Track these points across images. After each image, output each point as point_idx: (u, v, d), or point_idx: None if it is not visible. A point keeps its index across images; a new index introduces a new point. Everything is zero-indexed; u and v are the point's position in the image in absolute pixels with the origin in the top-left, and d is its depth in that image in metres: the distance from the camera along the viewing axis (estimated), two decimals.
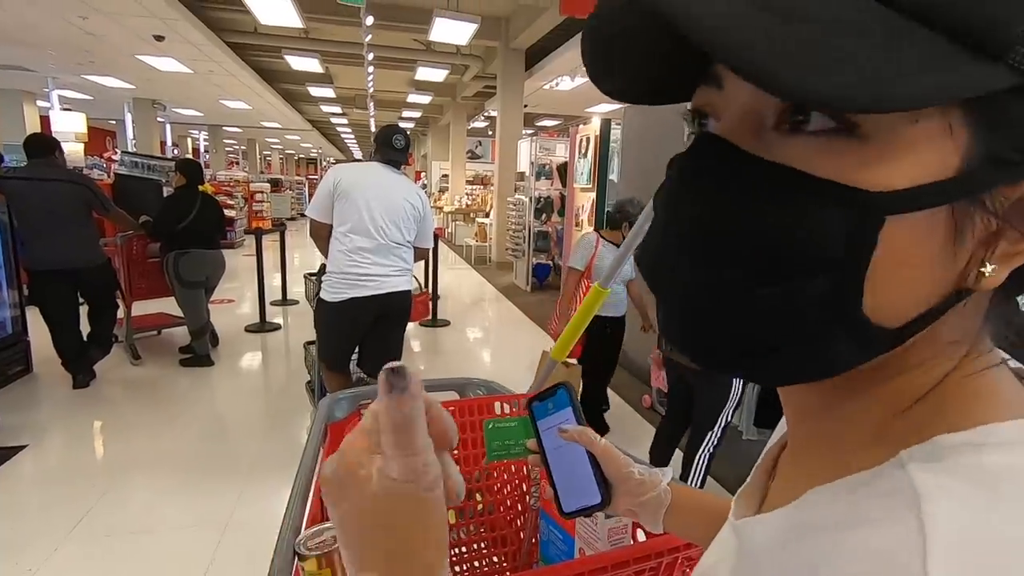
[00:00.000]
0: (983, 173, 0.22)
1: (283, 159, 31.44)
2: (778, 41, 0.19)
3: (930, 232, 0.22)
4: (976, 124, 0.21)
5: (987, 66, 0.20)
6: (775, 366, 0.26)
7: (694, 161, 0.27)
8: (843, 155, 0.22)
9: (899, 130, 0.22)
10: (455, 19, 6.32)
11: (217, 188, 10.62)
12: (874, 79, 0.19)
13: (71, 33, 7.10)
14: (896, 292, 0.23)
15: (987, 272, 0.23)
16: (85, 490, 2.46)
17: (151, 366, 4.16)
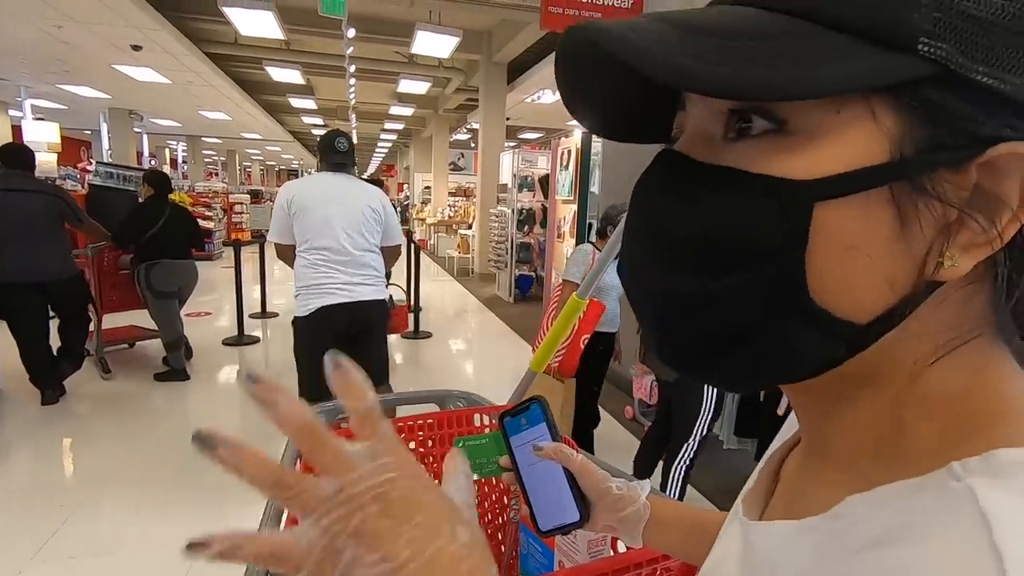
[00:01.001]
0: (920, 159, 0.22)
1: (263, 170, 31.14)
2: (697, 50, 0.22)
3: (872, 219, 0.23)
4: (903, 112, 0.22)
5: (897, 57, 0.21)
6: (742, 365, 0.27)
7: (651, 175, 0.29)
8: (775, 151, 0.24)
9: (822, 121, 0.23)
10: (437, 32, 6.36)
11: (195, 199, 10.48)
12: (780, 71, 0.21)
13: (45, 42, 6.98)
14: (848, 281, 0.23)
15: (947, 263, 0.23)
16: (51, 510, 2.38)
17: (123, 380, 4.06)
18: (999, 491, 0.20)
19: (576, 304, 1.10)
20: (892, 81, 0.22)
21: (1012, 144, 0.22)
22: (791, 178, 0.23)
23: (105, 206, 6.07)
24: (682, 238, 0.26)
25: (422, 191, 15.31)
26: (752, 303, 0.25)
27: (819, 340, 0.25)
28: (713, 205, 0.25)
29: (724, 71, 0.22)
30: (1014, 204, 0.22)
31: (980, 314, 0.25)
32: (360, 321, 2.48)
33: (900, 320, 0.24)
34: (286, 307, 6.23)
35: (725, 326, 0.26)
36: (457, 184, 14.33)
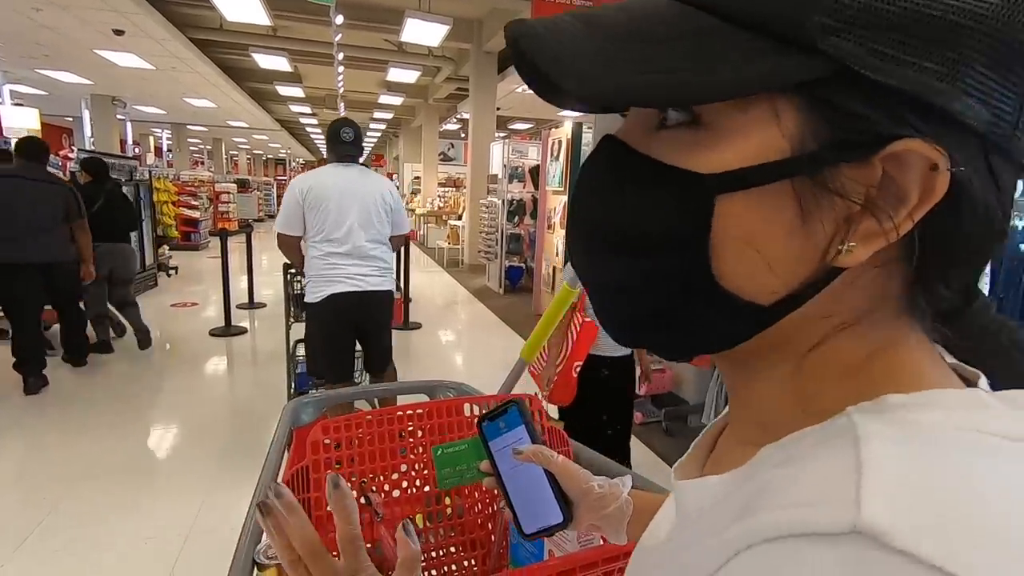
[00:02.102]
0: (817, 155, 0.23)
1: (250, 159, 30.73)
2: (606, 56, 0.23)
3: (772, 212, 0.24)
4: (805, 110, 0.23)
5: (797, 57, 0.22)
6: (667, 339, 0.30)
7: (591, 159, 0.30)
8: (688, 144, 0.25)
9: (730, 118, 0.24)
10: (427, 20, 6.28)
11: (181, 188, 10.32)
12: (681, 78, 0.23)
13: (24, 26, 6.80)
14: (750, 267, 0.25)
15: (844, 249, 0.24)
16: (36, 502, 2.35)
17: (109, 373, 4.01)
18: (877, 422, 0.23)
19: (567, 294, 1.09)
20: (790, 83, 0.23)
21: (907, 141, 0.22)
22: (696, 171, 0.25)
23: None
24: (605, 222, 0.28)
25: (412, 181, 15.20)
26: (665, 287, 0.27)
27: (728, 319, 0.27)
28: (634, 193, 0.27)
29: (629, 80, 0.23)
30: (913, 199, 0.23)
31: (887, 295, 0.26)
32: (370, 310, 2.59)
33: (804, 302, 0.26)
34: (273, 297, 6.17)
35: (645, 306, 0.28)
36: (447, 174, 14.25)
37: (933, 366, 0.27)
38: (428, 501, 1.00)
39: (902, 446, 0.21)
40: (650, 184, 0.26)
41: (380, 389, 1.21)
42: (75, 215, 3.70)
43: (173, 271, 7.76)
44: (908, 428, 0.22)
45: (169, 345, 4.96)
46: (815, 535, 0.19)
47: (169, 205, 9.40)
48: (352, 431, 0.97)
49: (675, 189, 0.25)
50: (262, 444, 3.37)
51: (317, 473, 0.88)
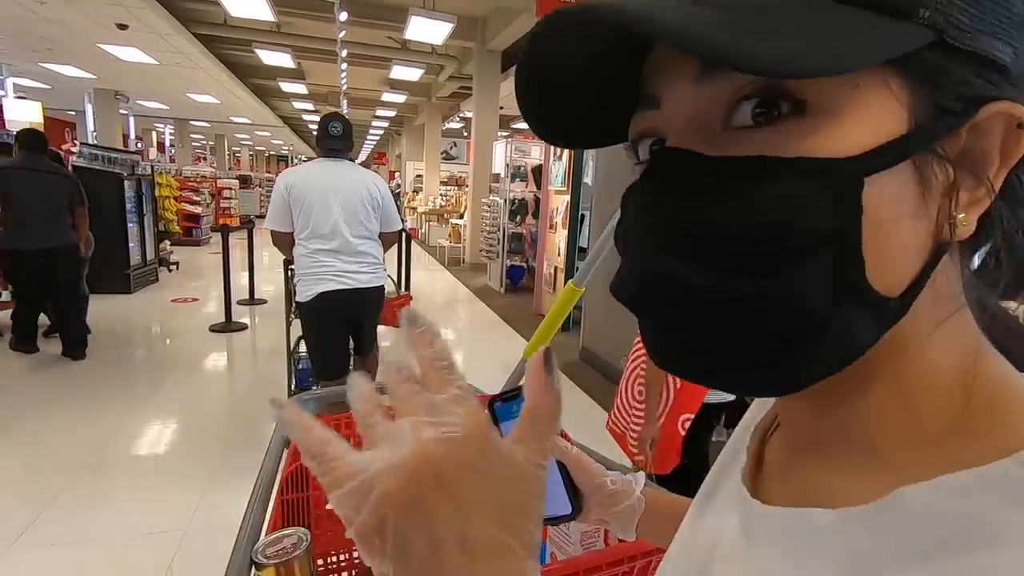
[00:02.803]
0: (931, 125, 0.23)
1: (253, 155, 30.75)
2: (725, 24, 0.21)
3: (902, 189, 0.23)
4: (912, 81, 0.23)
5: (904, 27, 0.22)
6: (795, 364, 0.25)
7: (661, 177, 0.27)
8: (802, 134, 0.23)
9: (843, 98, 0.23)
10: (431, 18, 6.27)
11: (183, 184, 10.32)
12: (809, 48, 0.21)
13: (27, 19, 6.79)
14: (889, 255, 0.23)
15: (959, 221, 0.23)
16: (33, 497, 2.34)
17: (108, 366, 4.00)
18: None
19: (572, 293, 1.08)
20: (904, 51, 0.22)
21: (1001, 104, 0.23)
22: (833, 156, 0.23)
23: (90, 188, 5.99)
24: (720, 234, 0.24)
25: (414, 179, 15.19)
26: (810, 293, 0.23)
27: (871, 322, 0.24)
28: (751, 196, 0.23)
29: (762, 47, 0.21)
30: (995, 160, 0.24)
31: (957, 288, 0.25)
32: (360, 307, 2.58)
33: (920, 290, 0.24)
34: (274, 294, 6.16)
35: (777, 325, 0.24)
36: (449, 173, 14.24)
37: (1018, 376, 0.26)
38: None
39: None
40: (774, 184, 0.23)
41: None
42: (78, 203, 3.97)
43: (174, 266, 7.76)
44: None
45: (169, 340, 4.95)
46: None
47: (171, 200, 9.40)
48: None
49: (813, 181, 0.23)
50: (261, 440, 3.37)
51: None
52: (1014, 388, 0.25)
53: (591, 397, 3.77)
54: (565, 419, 0.90)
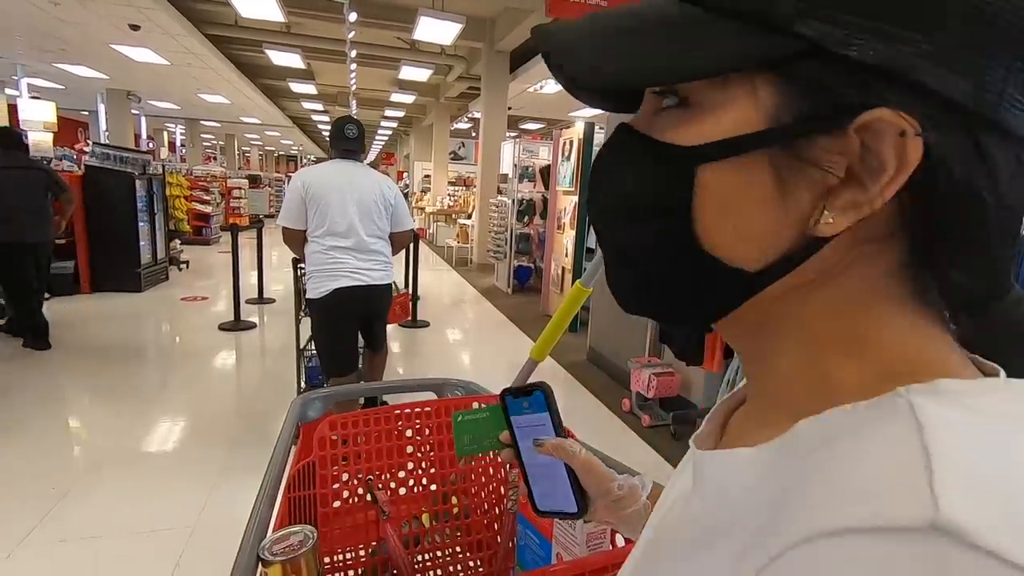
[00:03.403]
0: (792, 127, 0.25)
1: (262, 155, 30.93)
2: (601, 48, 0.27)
3: (749, 181, 0.26)
4: (780, 86, 0.25)
5: (771, 38, 0.24)
6: (665, 307, 0.32)
7: (604, 144, 0.33)
8: (676, 121, 0.28)
9: (712, 96, 0.26)
10: (440, 18, 6.28)
11: (193, 183, 10.40)
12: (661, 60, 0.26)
13: (42, 19, 6.87)
14: (731, 234, 0.27)
15: (822, 220, 0.25)
16: (44, 491, 2.36)
17: (118, 364, 4.04)
18: (936, 404, 0.22)
19: (580, 292, 1.07)
20: (762, 61, 0.24)
21: (875, 111, 0.23)
22: (678, 144, 0.27)
23: (102, 187, 6.06)
24: (612, 197, 0.31)
25: (422, 180, 15.22)
26: (657, 252, 0.29)
27: (716, 285, 0.29)
28: (633, 169, 0.30)
29: (613, 67, 0.26)
30: (891, 169, 0.23)
31: (892, 276, 0.27)
32: (371, 304, 2.64)
33: (788, 271, 0.27)
34: (283, 293, 6.20)
35: (642, 273, 0.31)
36: (457, 173, 14.25)
37: (950, 352, 0.27)
38: (435, 500, 0.99)
39: (968, 435, 0.21)
40: (645, 160, 0.29)
41: (387, 386, 1.20)
42: (60, 188, 4.17)
43: (184, 265, 7.82)
44: (971, 416, 0.21)
45: (179, 339, 4.99)
46: (884, 530, 0.18)
47: (181, 200, 9.48)
48: (359, 428, 0.97)
49: (663, 162, 0.28)
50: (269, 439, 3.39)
51: (324, 469, 0.88)
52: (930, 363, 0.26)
53: (598, 398, 3.76)
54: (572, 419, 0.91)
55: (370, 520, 0.92)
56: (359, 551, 0.95)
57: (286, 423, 1.05)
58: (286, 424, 1.05)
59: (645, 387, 3.28)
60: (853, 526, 0.19)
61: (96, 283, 6.03)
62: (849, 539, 0.19)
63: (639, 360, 3.46)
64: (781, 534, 0.21)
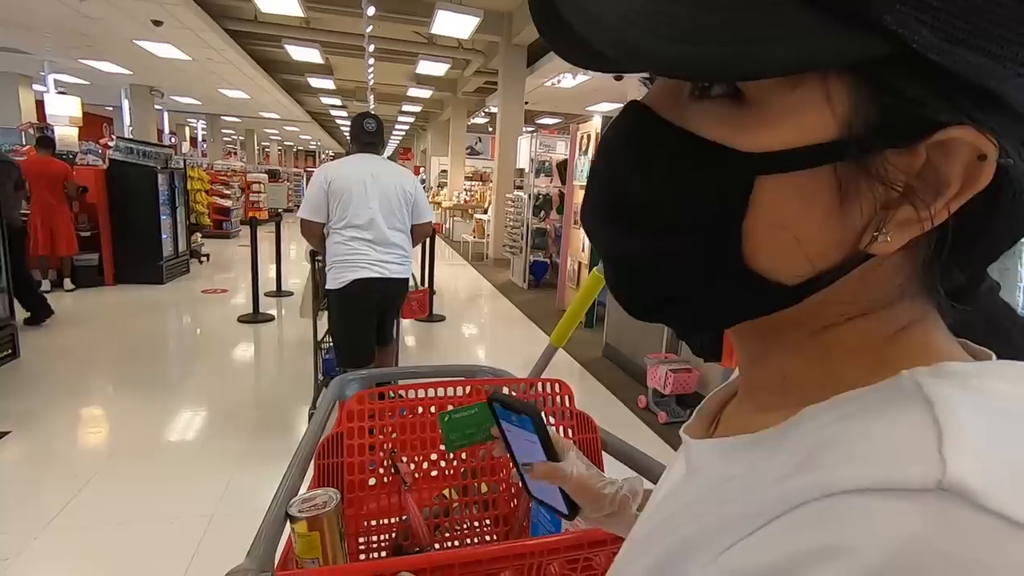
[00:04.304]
0: (866, 139, 0.22)
1: (281, 150, 31.28)
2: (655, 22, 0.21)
3: (810, 195, 0.23)
4: (858, 91, 0.22)
5: (857, 35, 0.21)
6: (686, 315, 0.29)
7: (617, 126, 0.29)
8: (729, 119, 0.24)
9: (778, 96, 0.23)
10: (457, 12, 6.27)
11: (214, 177, 10.55)
12: (733, 50, 0.21)
13: (68, 16, 7.00)
14: (783, 250, 0.24)
15: (880, 238, 0.23)
16: (68, 479, 2.41)
17: (139, 354, 4.11)
18: (942, 384, 0.22)
19: (597, 280, 1.06)
20: (847, 62, 0.21)
21: (959, 129, 0.21)
22: (737, 148, 0.24)
23: (125, 180, 6.17)
24: (631, 197, 0.27)
25: (438, 175, 15.26)
26: (691, 267, 0.26)
27: (750, 299, 0.26)
28: (665, 167, 0.26)
29: (675, 49, 0.21)
30: (954, 188, 0.22)
31: (909, 278, 0.26)
32: (389, 296, 2.68)
33: (829, 284, 0.25)
34: (301, 286, 6.25)
35: (665, 281, 0.27)
36: (474, 168, 14.26)
37: (951, 346, 0.27)
38: (465, 474, 1.02)
39: (974, 410, 0.21)
40: (684, 159, 0.25)
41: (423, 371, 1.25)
42: (20, 185, 4.68)
43: (205, 258, 7.94)
44: (977, 394, 0.22)
45: (199, 330, 5.07)
46: (896, 490, 0.19)
47: (202, 194, 9.60)
48: (387, 402, 1.01)
49: (712, 166, 0.24)
50: (287, 429, 3.43)
51: (351, 440, 0.93)
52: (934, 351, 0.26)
53: (613, 393, 3.73)
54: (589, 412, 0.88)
55: (393, 490, 0.97)
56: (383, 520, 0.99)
57: (324, 399, 1.12)
58: (323, 401, 1.12)
59: (662, 384, 3.25)
60: (866, 487, 0.19)
61: (119, 275, 6.15)
62: (862, 498, 0.19)
63: (656, 356, 3.43)
64: (793, 493, 0.22)
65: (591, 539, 0.70)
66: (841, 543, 0.19)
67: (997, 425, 0.20)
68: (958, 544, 0.17)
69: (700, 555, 0.25)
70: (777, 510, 0.22)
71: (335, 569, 0.66)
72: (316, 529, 0.68)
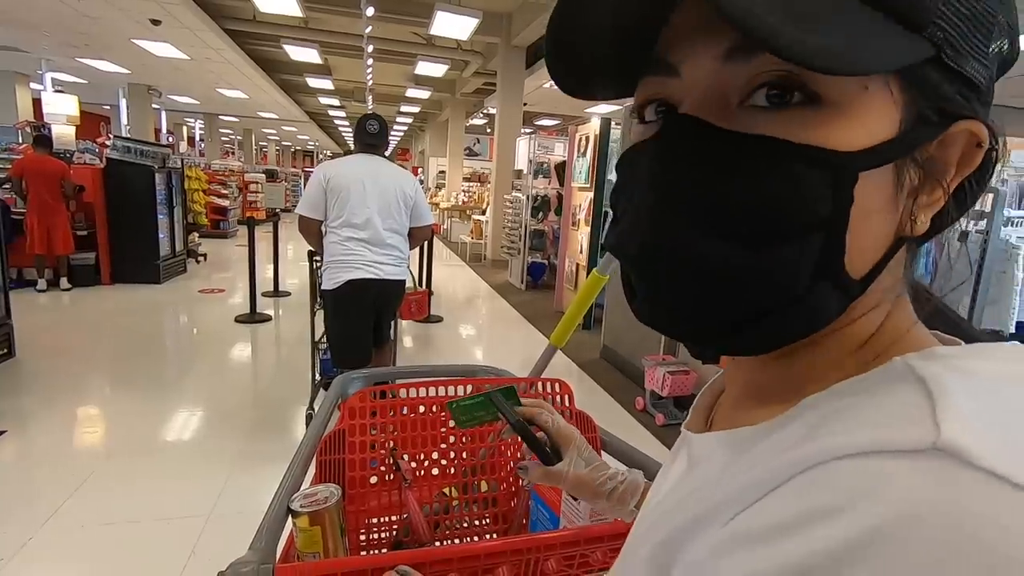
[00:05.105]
0: (915, 132, 0.25)
1: (279, 150, 31.22)
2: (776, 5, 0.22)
3: (882, 186, 0.26)
4: (907, 90, 0.25)
5: (913, 39, 0.24)
6: (764, 331, 0.28)
7: (668, 141, 0.28)
8: (812, 123, 0.25)
9: (855, 96, 0.25)
10: (456, 13, 6.27)
11: (211, 177, 10.52)
12: (848, 46, 0.22)
13: (66, 14, 6.99)
14: (863, 244, 0.26)
15: (917, 222, 0.27)
16: (64, 478, 2.40)
17: (136, 353, 4.10)
18: (935, 367, 0.24)
19: (596, 281, 1.07)
20: (912, 61, 0.24)
21: (969, 122, 0.26)
22: (837, 149, 0.25)
23: (123, 179, 6.15)
24: (727, 204, 0.26)
25: (437, 175, 15.25)
26: (796, 270, 0.26)
27: (835, 301, 0.27)
28: (758, 174, 0.25)
29: (804, 37, 0.21)
30: (952, 171, 0.27)
31: (899, 274, 0.29)
32: (384, 297, 2.66)
33: (878, 275, 0.27)
34: (298, 287, 6.25)
35: (762, 294, 0.26)
36: (472, 169, 14.25)
37: (929, 336, 0.29)
38: (466, 472, 1.03)
39: (964, 384, 0.23)
40: (780, 165, 0.25)
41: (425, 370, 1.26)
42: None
43: (202, 258, 7.92)
44: (966, 372, 0.24)
45: (196, 330, 5.06)
46: (893, 452, 0.20)
47: (200, 193, 9.58)
48: (387, 400, 1.02)
49: (814, 169, 0.25)
50: (284, 429, 3.42)
51: (352, 437, 0.94)
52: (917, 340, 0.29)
53: (611, 395, 3.73)
54: None
55: (393, 488, 0.98)
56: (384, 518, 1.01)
57: (327, 398, 1.14)
58: (327, 399, 1.13)
59: (659, 385, 3.25)
60: (865, 450, 0.21)
61: (116, 274, 6.14)
62: (861, 460, 0.21)
63: (653, 358, 3.43)
64: (795, 462, 0.23)
65: (588, 535, 0.71)
66: (842, 502, 0.20)
67: (984, 397, 0.22)
68: (952, 498, 0.19)
69: (709, 526, 0.26)
70: (782, 477, 0.23)
71: (335, 562, 0.67)
72: (317, 524, 0.69)
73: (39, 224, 5.37)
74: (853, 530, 0.19)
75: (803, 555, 0.20)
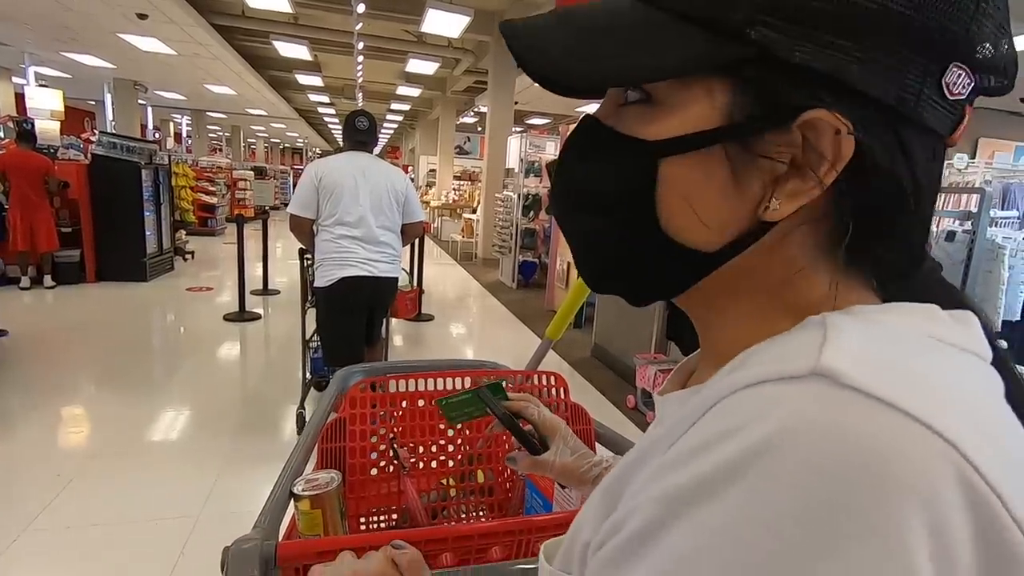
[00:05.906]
0: (743, 124, 0.28)
1: (268, 147, 30.94)
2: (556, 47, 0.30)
3: (708, 173, 0.29)
4: (733, 87, 0.28)
5: (728, 44, 0.27)
6: (628, 285, 0.35)
7: (571, 133, 0.35)
8: (641, 117, 0.30)
9: (674, 95, 0.29)
10: (448, 11, 6.26)
11: (199, 174, 10.42)
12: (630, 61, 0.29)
13: (49, 7, 6.87)
14: (690, 220, 0.30)
15: (771, 207, 0.28)
16: (50, 479, 2.37)
17: (123, 353, 4.05)
18: (844, 316, 0.28)
19: None
20: (718, 65, 0.28)
21: (813, 112, 0.27)
22: (644, 138, 0.30)
23: (108, 175, 6.06)
24: (575, 184, 0.34)
25: (427, 174, 15.21)
26: (621, 236, 0.32)
27: (677, 264, 0.32)
28: (597, 158, 0.33)
29: (584, 67, 0.29)
30: (827, 161, 0.27)
31: (826, 251, 0.30)
32: (377, 295, 2.65)
33: (741, 251, 0.30)
34: (288, 285, 6.20)
35: (607, 255, 0.34)
36: (463, 168, 14.23)
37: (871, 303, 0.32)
38: (463, 462, 1.05)
39: (862, 329, 0.26)
40: (610, 150, 0.32)
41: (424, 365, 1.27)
42: None
43: (189, 255, 7.84)
44: (870, 322, 0.27)
45: (184, 329, 5.00)
46: (784, 379, 0.24)
47: (187, 190, 9.49)
48: (388, 391, 1.05)
49: (628, 154, 0.31)
50: (274, 428, 3.39)
51: (353, 425, 0.97)
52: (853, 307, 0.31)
53: (602, 394, 3.75)
54: None
55: (393, 477, 1.00)
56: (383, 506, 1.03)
57: (328, 390, 1.18)
58: (329, 391, 1.17)
59: (650, 384, 3.27)
60: (761, 379, 0.25)
61: (102, 272, 6.05)
62: (757, 388, 0.25)
63: (644, 356, 3.45)
64: (710, 398, 0.27)
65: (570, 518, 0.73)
66: (740, 423, 0.24)
67: (875, 339, 0.26)
68: (823, 412, 0.22)
69: (652, 459, 0.30)
70: (701, 411, 0.27)
71: (333, 539, 0.70)
72: (318, 507, 0.73)
73: (22, 220, 5.28)
74: (746, 443, 0.23)
75: (708, 468, 0.24)
